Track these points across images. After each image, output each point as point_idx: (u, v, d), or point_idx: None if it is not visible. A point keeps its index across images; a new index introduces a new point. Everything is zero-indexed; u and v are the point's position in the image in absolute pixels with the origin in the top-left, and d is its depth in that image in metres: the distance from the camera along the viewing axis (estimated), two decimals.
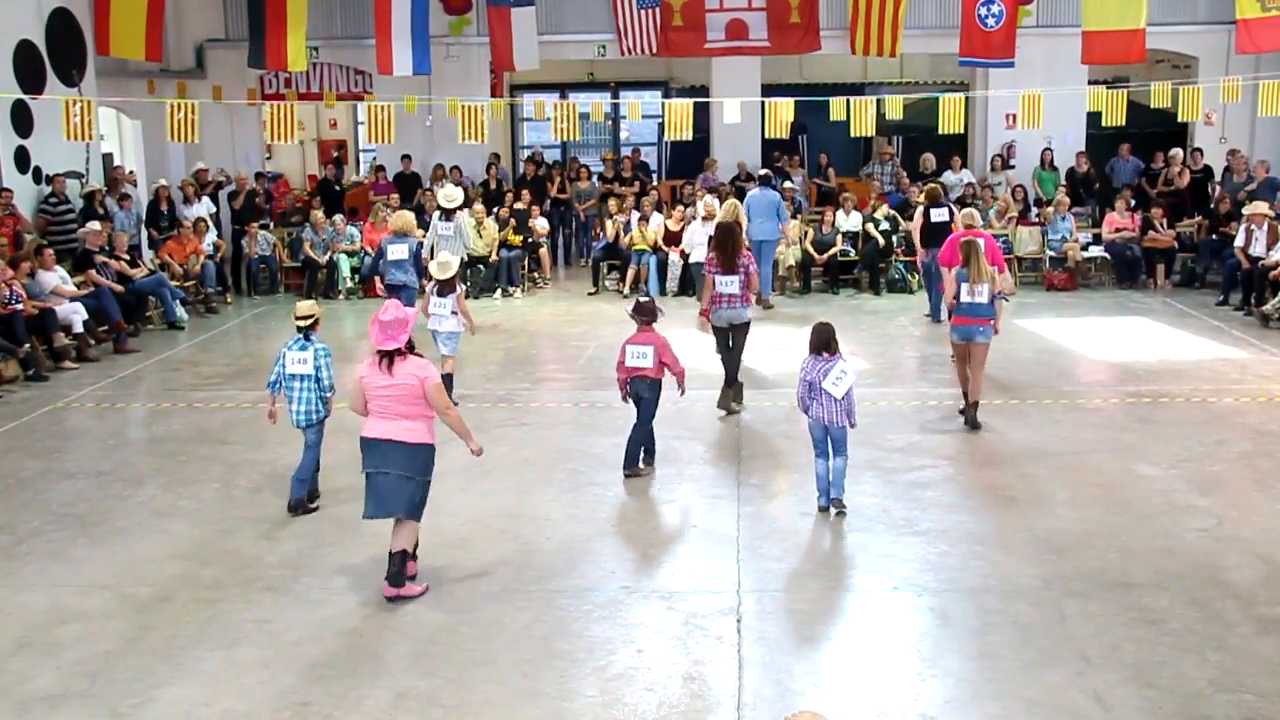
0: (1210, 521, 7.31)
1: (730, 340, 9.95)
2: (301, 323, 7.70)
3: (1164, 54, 18.58)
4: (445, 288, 10.17)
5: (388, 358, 6.39)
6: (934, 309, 13.60)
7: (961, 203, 17.18)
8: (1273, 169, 16.41)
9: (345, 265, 16.29)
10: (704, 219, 14.24)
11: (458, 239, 14.25)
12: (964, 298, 9.28)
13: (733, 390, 10.06)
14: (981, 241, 9.88)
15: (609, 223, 16.61)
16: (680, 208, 16.53)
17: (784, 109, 15.25)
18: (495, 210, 16.66)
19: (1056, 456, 8.66)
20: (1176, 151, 17.58)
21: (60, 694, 5.42)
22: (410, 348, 6.46)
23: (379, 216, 16.49)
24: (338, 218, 16.68)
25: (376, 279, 12.76)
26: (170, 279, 14.75)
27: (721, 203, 13.30)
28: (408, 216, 12.50)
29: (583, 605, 6.26)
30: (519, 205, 16.92)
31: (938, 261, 11.94)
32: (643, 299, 8.55)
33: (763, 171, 15.81)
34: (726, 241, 9.82)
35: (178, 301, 14.57)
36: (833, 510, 7.47)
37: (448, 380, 10.44)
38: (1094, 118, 16.12)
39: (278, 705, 5.27)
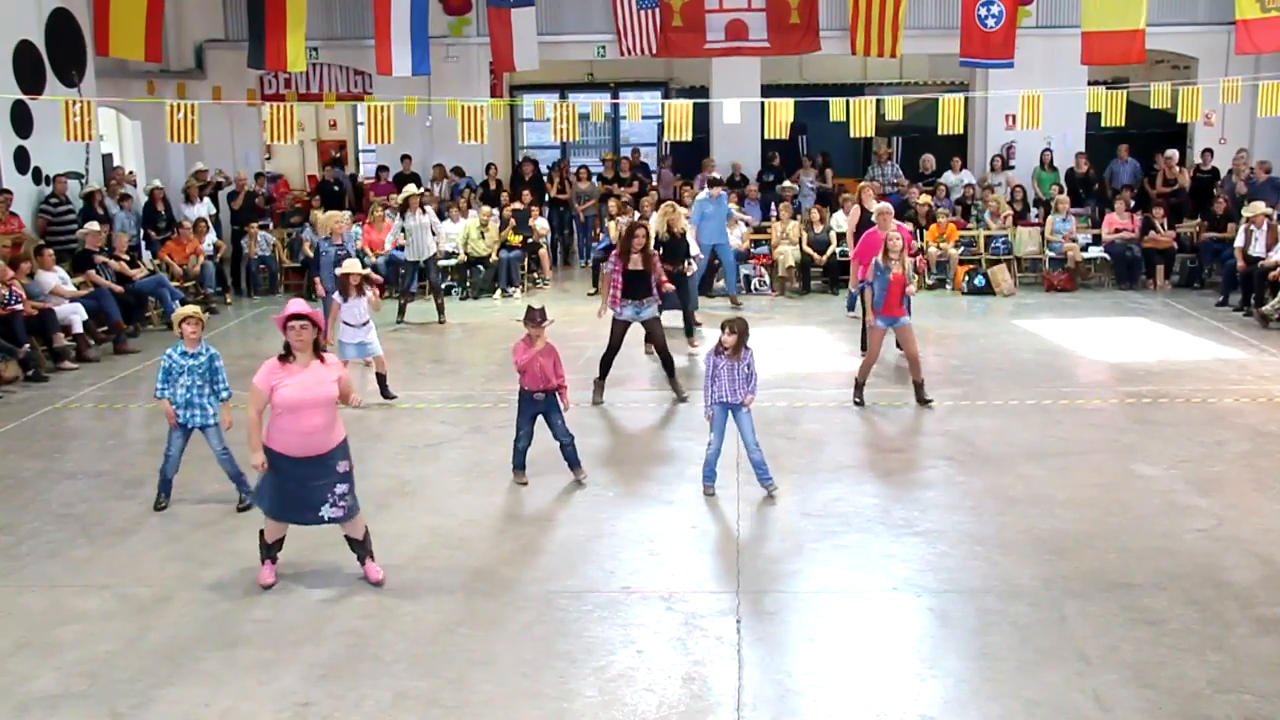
0: (1210, 521, 7.31)
1: (646, 333, 10.40)
2: (189, 326, 7.72)
3: (1164, 54, 18.58)
4: (358, 291, 10.11)
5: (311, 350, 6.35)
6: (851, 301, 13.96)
7: (962, 203, 17.25)
8: (1272, 169, 16.41)
9: (346, 265, 16.25)
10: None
11: (420, 234, 14.20)
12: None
13: (672, 380, 10.39)
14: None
15: (612, 224, 16.60)
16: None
17: (784, 109, 15.25)
18: (495, 210, 16.67)
19: (1056, 456, 8.66)
20: (1173, 152, 17.59)
21: (60, 694, 5.42)
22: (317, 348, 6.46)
23: (376, 216, 16.51)
24: (345, 214, 16.66)
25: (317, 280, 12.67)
26: (170, 279, 14.75)
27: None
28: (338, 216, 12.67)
29: (583, 605, 6.26)
30: (517, 205, 16.93)
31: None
32: (535, 305, 8.24)
33: (714, 175, 15.76)
34: (633, 242, 10.10)
35: (177, 302, 14.54)
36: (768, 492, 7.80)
37: (381, 380, 10.43)
38: (1094, 118, 16.13)
39: (278, 705, 5.27)
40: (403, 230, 14.68)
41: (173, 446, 7.80)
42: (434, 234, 14.74)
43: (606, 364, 10.33)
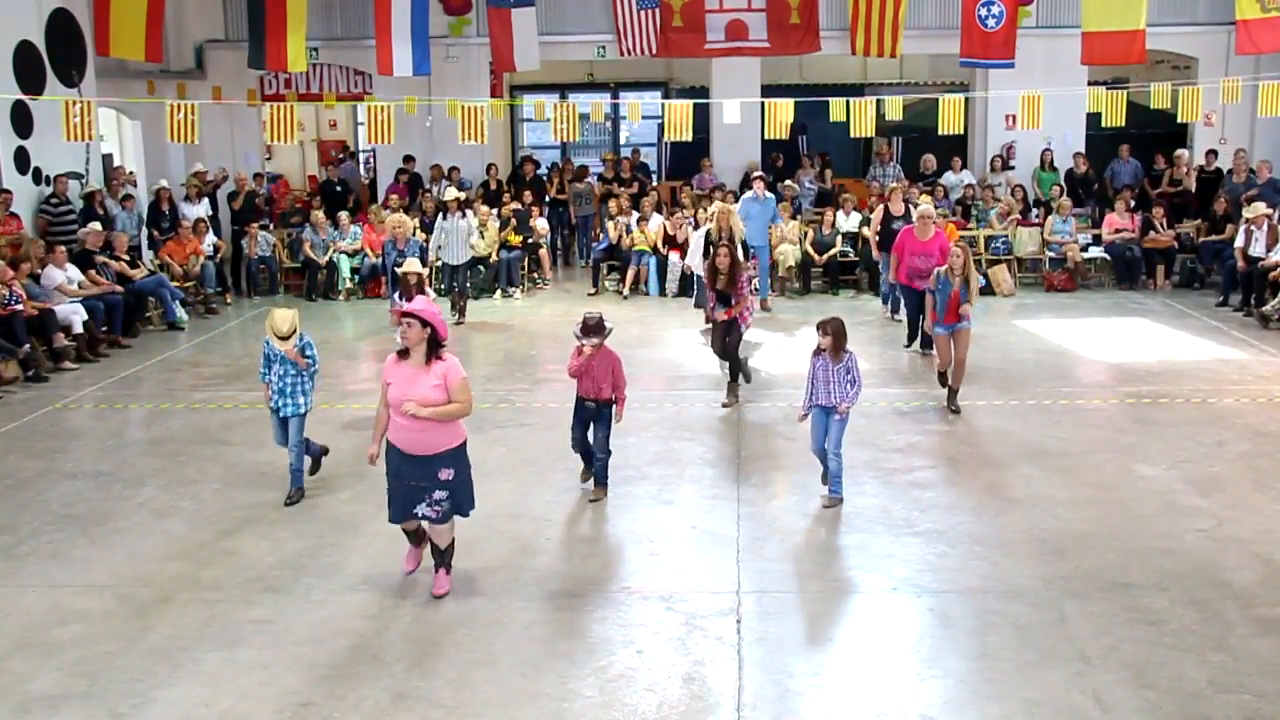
0: (1210, 522, 7.32)
1: (724, 335, 10.22)
2: (283, 343, 7.60)
3: (1164, 54, 18.58)
4: (417, 292, 9.64)
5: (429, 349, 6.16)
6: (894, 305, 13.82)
7: (962, 203, 17.25)
8: (1272, 169, 16.40)
9: (345, 266, 16.30)
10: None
11: (459, 238, 14.25)
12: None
13: (737, 384, 10.31)
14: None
15: (611, 224, 16.62)
16: (679, 211, 16.52)
17: (784, 110, 15.24)
18: (495, 210, 16.68)
19: (1056, 456, 8.66)
20: (1182, 152, 17.59)
21: (60, 694, 5.42)
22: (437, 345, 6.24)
23: (378, 218, 16.51)
24: (342, 215, 16.70)
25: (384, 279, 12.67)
26: (170, 280, 14.75)
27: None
28: (406, 221, 12.57)
29: (582, 606, 6.27)
30: (516, 206, 16.92)
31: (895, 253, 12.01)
32: (590, 317, 7.75)
33: (757, 174, 15.67)
34: (724, 261, 10.07)
35: (177, 302, 14.57)
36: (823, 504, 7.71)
37: None
38: (1094, 118, 16.12)
39: (278, 706, 5.28)
40: (440, 232, 14.63)
41: (275, 434, 7.95)
42: (479, 237, 14.78)
43: (732, 362, 10.36)
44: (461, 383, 6.21)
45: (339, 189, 18.25)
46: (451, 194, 14.78)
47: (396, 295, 10.00)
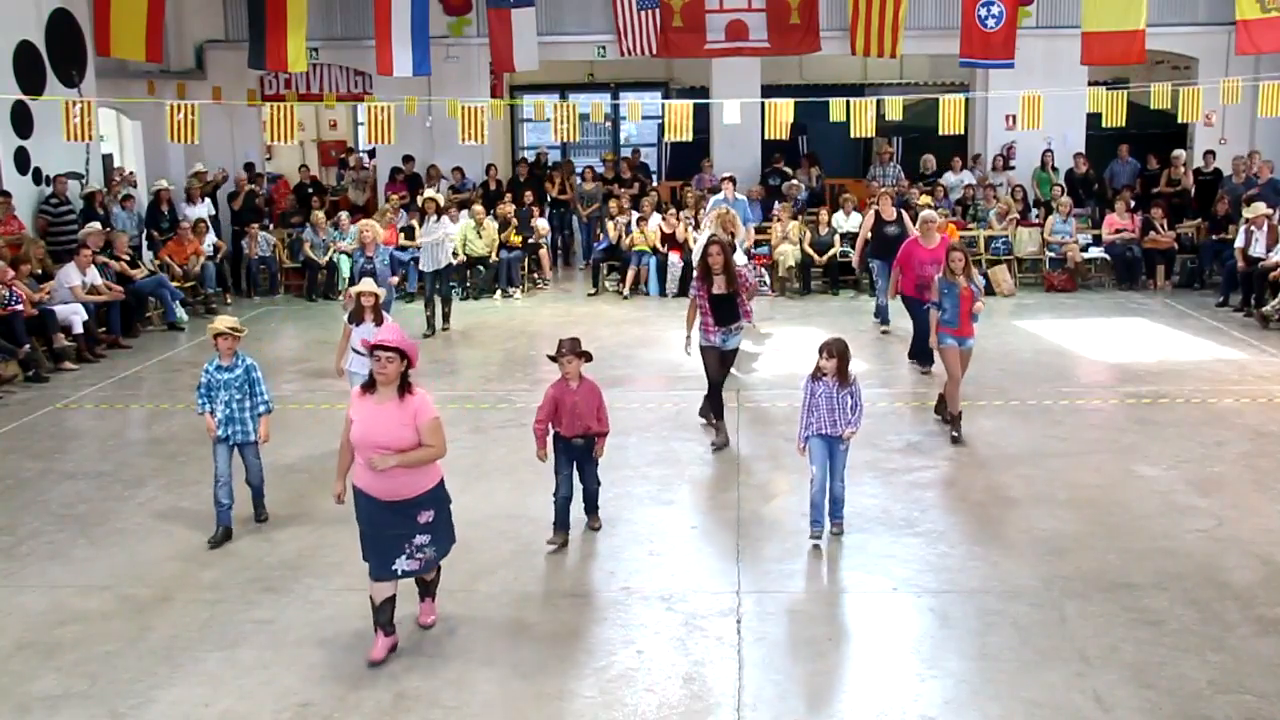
0: (1210, 522, 7.32)
1: (724, 363, 9.19)
2: (222, 341, 7.16)
3: (1164, 55, 18.59)
4: (377, 316, 8.44)
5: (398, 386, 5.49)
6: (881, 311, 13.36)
7: (962, 204, 17.25)
8: (1273, 170, 16.39)
9: (345, 266, 16.26)
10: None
11: (433, 242, 13.78)
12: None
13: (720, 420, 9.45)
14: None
15: (610, 224, 16.62)
16: (676, 211, 16.51)
17: (784, 110, 15.24)
18: (494, 210, 16.66)
19: (1056, 457, 8.66)
20: (1179, 152, 17.59)
21: (60, 694, 5.42)
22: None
23: (385, 217, 16.50)
24: (342, 216, 16.68)
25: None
26: (170, 280, 14.75)
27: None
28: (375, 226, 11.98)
29: (582, 606, 6.27)
30: (513, 206, 16.91)
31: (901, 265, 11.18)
32: (566, 338, 7.03)
33: (726, 175, 15.11)
34: (710, 262, 8.87)
35: (177, 302, 14.57)
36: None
37: None
38: (1094, 119, 16.13)
39: (278, 706, 5.28)
40: (411, 233, 14.48)
41: (219, 464, 7.24)
42: (477, 236, 14.66)
43: (715, 401, 9.19)
44: (432, 424, 5.53)
45: (310, 190, 18.19)
46: (427, 195, 14.48)
47: (347, 318, 8.76)
